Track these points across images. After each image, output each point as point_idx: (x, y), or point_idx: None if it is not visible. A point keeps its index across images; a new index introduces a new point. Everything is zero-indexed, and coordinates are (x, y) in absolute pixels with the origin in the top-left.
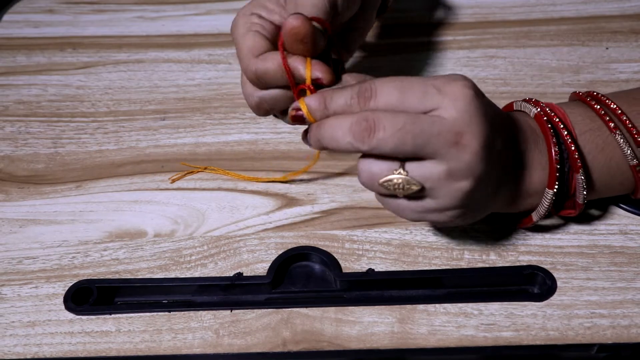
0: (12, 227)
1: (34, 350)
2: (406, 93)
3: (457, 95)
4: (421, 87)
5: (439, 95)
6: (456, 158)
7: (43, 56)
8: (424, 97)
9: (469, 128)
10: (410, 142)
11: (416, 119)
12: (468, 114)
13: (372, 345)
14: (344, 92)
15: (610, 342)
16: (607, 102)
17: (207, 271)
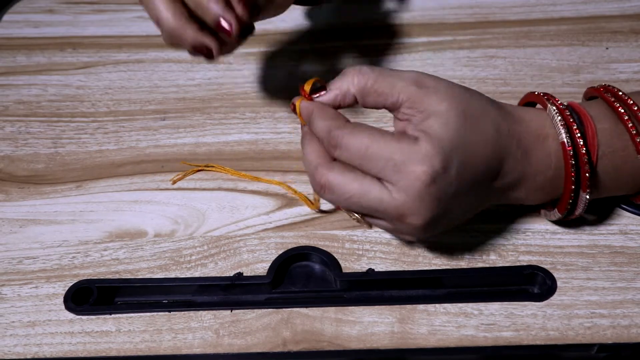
0: (12, 227)
1: (34, 350)
2: (366, 160)
3: (412, 182)
4: (381, 161)
5: (396, 174)
6: (400, 226)
7: (43, 56)
8: (381, 170)
9: (415, 211)
10: (357, 209)
11: (364, 194)
12: (419, 200)
13: (372, 345)
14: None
15: (611, 342)
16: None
17: (207, 271)
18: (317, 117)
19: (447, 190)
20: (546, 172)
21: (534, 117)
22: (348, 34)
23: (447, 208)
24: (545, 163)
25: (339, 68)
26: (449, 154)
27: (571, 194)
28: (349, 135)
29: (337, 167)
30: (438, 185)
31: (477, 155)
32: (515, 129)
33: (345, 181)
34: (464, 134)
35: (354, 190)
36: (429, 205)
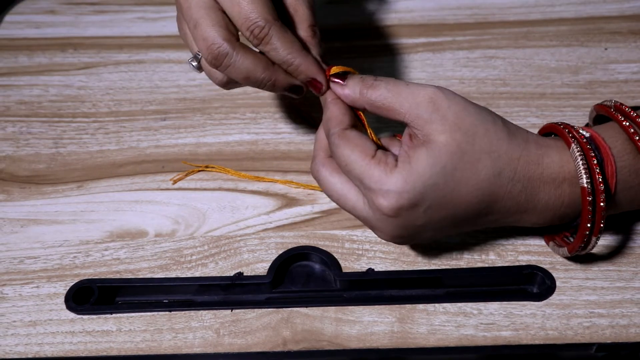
0: (14, 227)
1: (35, 350)
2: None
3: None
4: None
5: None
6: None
7: (44, 57)
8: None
9: (380, 229)
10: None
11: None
12: (383, 223)
13: (372, 344)
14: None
15: (609, 342)
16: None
17: (208, 271)
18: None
19: (413, 222)
20: (555, 210)
21: (554, 158)
22: (348, 35)
23: (413, 234)
24: (554, 203)
25: None
26: (422, 194)
27: (584, 238)
28: (336, 146)
29: (328, 165)
30: (403, 218)
31: (459, 198)
32: (525, 173)
33: (330, 182)
34: (450, 174)
35: (335, 192)
36: (392, 229)
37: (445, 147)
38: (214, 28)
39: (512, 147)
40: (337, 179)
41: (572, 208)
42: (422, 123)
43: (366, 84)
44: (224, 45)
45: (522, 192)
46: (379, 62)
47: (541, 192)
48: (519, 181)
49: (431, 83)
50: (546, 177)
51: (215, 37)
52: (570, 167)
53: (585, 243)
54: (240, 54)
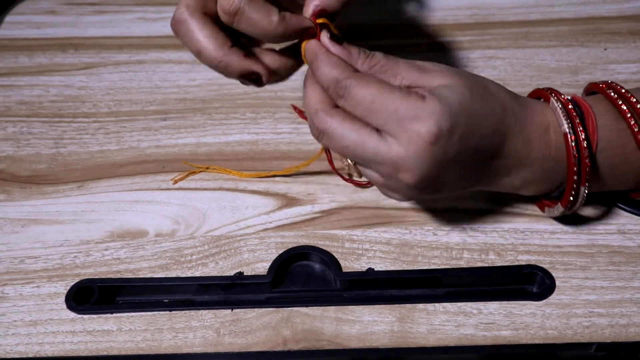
0: (14, 226)
1: (36, 349)
2: (370, 112)
3: (414, 139)
4: (384, 114)
5: (399, 129)
6: (391, 181)
7: (45, 57)
8: (384, 124)
9: (410, 168)
10: (352, 157)
11: (361, 144)
12: (416, 157)
13: (372, 344)
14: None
15: (609, 341)
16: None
17: (208, 271)
18: (323, 63)
19: (447, 154)
20: (544, 162)
21: (538, 107)
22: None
23: (442, 172)
24: (544, 153)
25: None
26: (456, 117)
27: (574, 185)
28: (357, 85)
29: (337, 114)
30: (439, 147)
31: (482, 126)
32: (520, 113)
33: (344, 130)
34: (471, 104)
35: (351, 140)
36: (425, 165)
37: (457, 85)
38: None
39: (505, 91)
40: (350, 126)
41: (558, 162)
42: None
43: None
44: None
45: (520, 135)
46: None
47: (533, 138)
48: (517, 120)
49: None
50: (535, 121)
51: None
52: (554, 118)
53: (575, 194)
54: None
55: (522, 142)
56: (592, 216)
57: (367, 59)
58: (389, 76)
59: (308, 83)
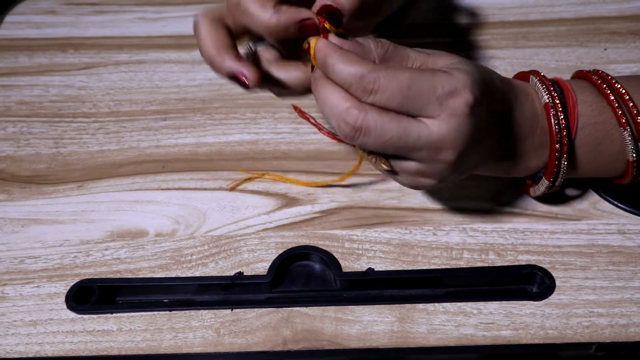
0: (14, 226)
1: (36, 349)
2: (409, 99)
3: (455, 112)
4: (424, 97)
5: (439, 107)
6: (430, 165)
7: (45, 57)
8: (424, 106)
9: (452, 144)
10: (392, 149)
11: (404, 133)
12: (457, 132)
13: (371, 344)
14: (350, 67)
15: (609, 341)
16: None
17: (208, 270)
18: (339, 63)
19: (480, 123)
20: (533, 135)
21: (521, 85)
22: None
23: (475, 144)
24: (533, 124)
25: None
26: (482, 85)
27: (556, 155)
28: (387, 77)
29: (371, 108)
30: (475, 116)
31: (495, 94)
32: (509, 87)
33: (384, 122)
34: (484, 76)
35: (394, 130)
36: (466, 137)
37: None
38: None
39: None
40: (388, 117)
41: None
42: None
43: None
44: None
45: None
46: None
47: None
48: (511, 90)
49: None
50: (522, 93)
51: None
52: (534, 92)
53: (557, 166)
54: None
55: (518, 113)
56: (591, 216)
57: (378, 44)
58: (401, 59)
59: (321, 86)
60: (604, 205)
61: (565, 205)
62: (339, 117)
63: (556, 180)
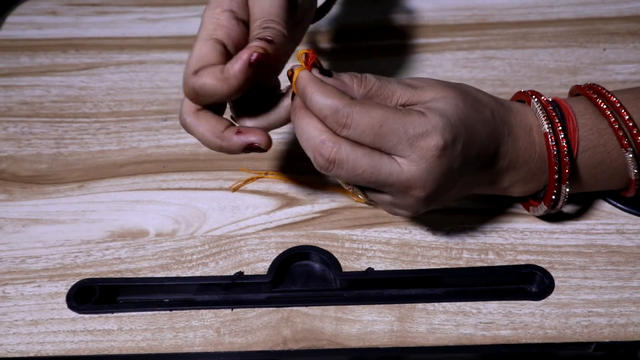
0: (15, 226)
1: (37, 349)
2: (380, 137)
3: (425, 154)
4: (395, 137)
5: (409, 148)
6: (402, 199)
7: (46, 57)
8: (395, 145)
9: (422, 184)
10: (364, 183)
11: (376, 169)
12: (426, 173)
13: (371, 343)
14: (326, 99)
15: (608, 341)
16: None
17: (208, 270)
18: (317, 93)
19: (453, 165)
20: (530, 163)
21: (520, 109)
22: (347, 36)
23: (449, 183)
24: (530, 153)
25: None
26: (456, 126)
27: (555, 184)
28: (360, 113)
29: (345, 142)
30: (446, 158)
31: (478, 133)
32: (506, 116)
33: (357, 157)
34: (466, 112)
35: (365, 166)
36: (436, 178)
37: (449, 95)
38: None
39: (489, 97)
40: (362, 152)
41: (543, 161)
42: (417, 96)
43: (359, 77)
44: (180, 117)
45: (509, 136)
46: (379, 62)
47: (519, 139)
48: (505, 123)
49: None
50: (519, 122)
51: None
52: (535, 119)
53: (557, 194)
54: (192, 123)
55: (511, 144)
56: (590, 216)
57: (362, 84)
58: (385, 96)
59: (299, 116)
60: (603, 206)
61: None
62: (314, 149)
63: (556, 204)
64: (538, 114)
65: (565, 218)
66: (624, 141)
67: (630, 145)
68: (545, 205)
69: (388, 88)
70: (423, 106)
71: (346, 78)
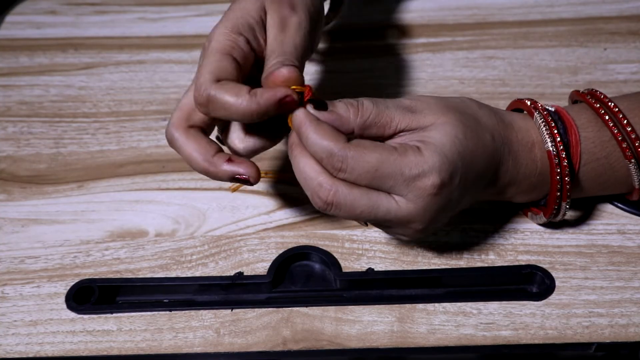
0: (15, 226)
1: (36, 349)
2: (376, 179)
3: (422, 194)
4: (391, 179)
5: (406, 188)
6: (401, 229)
7: (45, 57)
8: (391, 187)
9: (420, 219)
10: (364, 219)
11: (374, 208)
12: (424, 210)
13: (371, 344)
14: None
15: (608, 341)
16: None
17: (208, 270)
18: (312, 134)
19: (450, 198)
20: (531, 177)
21: (522, 125)
22: (347, 35)
23: (447, 213)
24: (531, 169)
25: (338, 69)
26: (453, 162)
27: (556, 200)
28: (354, 158)
29: (341, 184)
30: (443, 195)
31: (477, 161)
32: (506, 136)
33: (354, 198)
34: (464, 141)
35: (363, 206)
36: (432, 213)
37: (447, 123)
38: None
39: (489, 115)
40: (359, 193)
41: (544, 176)
42: (415, 122)
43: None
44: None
45: (510, 156)
46: (379, 62)
47: (520, 157)
48: (505, 144)
49: (431, 83)
50: (521, 140)
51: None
52: (537, 133)
53: (557, 209)
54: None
55: (511, 162)
56: (591, 216)
57: (358, 113)
58: (384, 124)
59: (297, 153)
60: (604, 206)
61: None
62: (312, 190)
63: (556, 217)
64: (541, 130)
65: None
66: (628, 153)
67: (634, 156)
68: (545, 217)
69: (386, 114)
70: (421, 136)
71: (342, 110)
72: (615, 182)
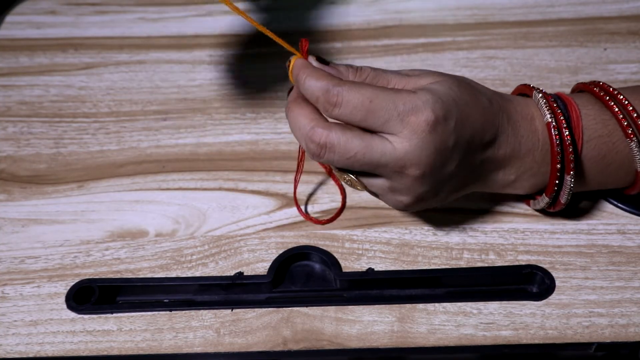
0: (15, 226)
1: (36, 349)
2: (370, 113)
3: (416, 129)
4: (385, 113)
5: (400, 124)
6: (398, 180)
7: (45, 57)
8: (386, 122)
9: (416, 161)
10: (358, 166)
11: (368, 149)
12: (420, 149)
13: (372, 344)
14: (318, 81)
15: (609, 341)
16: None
17: (208, 270)
18: (310, 77)
19: (446, 142)
20: (534, 152)
21: (521, 101)
22: (347, 35)
23: (444, 163)
24: (533, 142)
25: None
26: (448, 104)
27: (557, 174)
28: (350, 90)
29: (335, 125)
30: (438, 134)
31: (473, 116)
32: (505, 106)
33: (347, 139)
34: (459, 93)
35: (357, 147)
36: (429, 154)
37: (444, 80)
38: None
39: (485, 87)
40: (352, 134)
41: (547, 152)
42: (412, 83)
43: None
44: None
45: (509, 125)
46: (379, 62)
47: (521, 128)
48: (503, 112)
49: None
50: (520, 112)
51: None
52: (537, 108)
53: (559, 183)
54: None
55: (512, 133)
56: (591, 216)
57: (356, 73)
58: (381, 85)
59: (292, 107)
60: (604, 206)
61: None
62: (306, 137)
63: (558, 196)
64: (540, 105)
65: (566, 218)
66: (629, 130)
67: (635, 135)
68: (546, 197)
69: (383, 77)
70: (416, 88)
71: (342, 67)
72: (618, 167)
